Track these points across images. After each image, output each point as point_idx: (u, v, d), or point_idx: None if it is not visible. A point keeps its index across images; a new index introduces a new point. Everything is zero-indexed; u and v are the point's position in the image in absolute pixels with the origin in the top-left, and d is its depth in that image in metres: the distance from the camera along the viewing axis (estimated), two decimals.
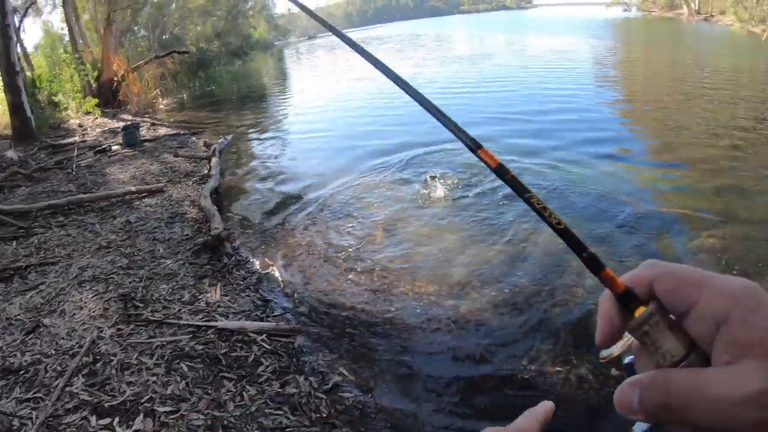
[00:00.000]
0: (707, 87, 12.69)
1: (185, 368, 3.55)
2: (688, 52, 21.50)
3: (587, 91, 13.27)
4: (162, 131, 12.92)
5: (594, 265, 0.41)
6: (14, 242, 6.38)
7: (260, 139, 11.75)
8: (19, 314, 4.55)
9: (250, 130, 12.82)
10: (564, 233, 0.42)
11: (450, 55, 26.83)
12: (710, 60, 17.79)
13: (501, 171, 0.45)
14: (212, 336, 3.91)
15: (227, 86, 23.31)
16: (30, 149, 11.66)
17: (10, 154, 10.69)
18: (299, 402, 3.30)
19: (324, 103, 15.85)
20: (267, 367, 3.60)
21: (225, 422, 3.05)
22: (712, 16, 36.36)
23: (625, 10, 59.39)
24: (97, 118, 15.66)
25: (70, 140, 12.49)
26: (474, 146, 0.46)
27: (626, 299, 0.40)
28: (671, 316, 0.39)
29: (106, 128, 13.81)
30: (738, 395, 0.34)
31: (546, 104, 11.70)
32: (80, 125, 14.58)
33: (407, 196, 6.86)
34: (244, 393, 3.34)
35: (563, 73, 16.08)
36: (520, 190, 0.44)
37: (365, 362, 3.76)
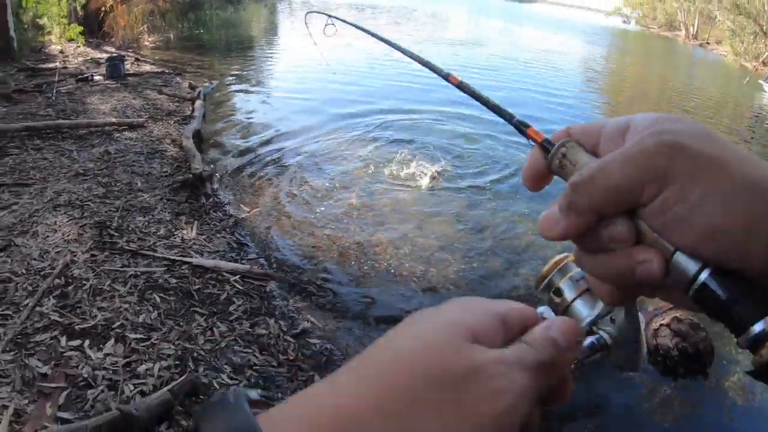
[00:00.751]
0: (691, 114, 12.70)
1: (158, 299, 3.57)
2: (680, 74, 21.60)
3: (571, 93, 13.23)
4: (146, 68, 12.63)
5: (521, 126, 0.50)
6: None
7: (244, 90, 11.54)
8: None
9: (235, 80, 12.57)
10: (495, 108, 0.53)
11: (443, 36, 26.40)
12: (700, 86, 17.88)
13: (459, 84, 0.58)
14: (186, 271, 3.94)
15: (216, 32, 22.73)
16: (9, 70, 11.29)
17: None
18: (268, 343, 3.37)
19: (311, 63, 15.58)
20: (239, 306, 3.65)
21: (195, 354, 3.10)
22: (708, 43, 36.64)
23: (624, 22, 58.74)
24: (80, 46, 15.18)
25: (51, 65, 12.13)
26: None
27: (548, 144, 0.45)
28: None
29: (89, 57, 13.42)
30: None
31: (529, 96, 11.69)
32: (62, 52, 14.13)
33: (384, 161, 6.94)
34: (214, 329, 3.39)
35: (551, 73, 15.94)
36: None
37: (334, 312, 3.85)
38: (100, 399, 2.73)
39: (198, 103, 8.75)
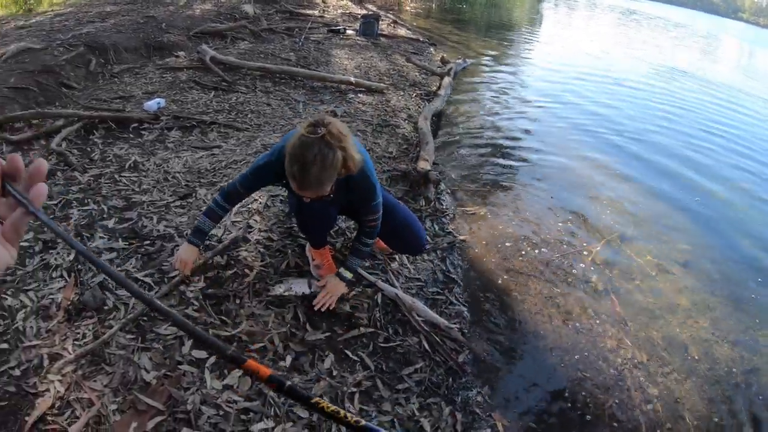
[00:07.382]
0: None
1: (325, 326, 2.77)
2: None
3: None
4: (401, 32, 12.30)
5: None
6: (212, 93, 6.09)
7: (498, 76, 10.42)
8: (180, 171, 4.11)
9: (490, 62, 11.67)
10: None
11: (702, 65, 20.83)
12: None
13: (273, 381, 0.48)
14: (369, 296, 3.08)
15: (479, 9, 22.27)
16: (268, 9, 11.67)
17: (247, 8, 10.72)
18: None
19: (577, 62, 13.97)
20: (414, 371, 2.68)
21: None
22: None
23: None
24: None
25: (309, 12, 12.37)
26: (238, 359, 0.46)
27: None
28: None
29: (348, 11, 13.56)
30: None
31: None
32: (324, 1, 14.51)
33: (665, 220, 5.44)
34: (373, 395, 2.48)
35: None
36: (302, 399, 0.48)
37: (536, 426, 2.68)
38: None
39: (446, 80, 8.02)
